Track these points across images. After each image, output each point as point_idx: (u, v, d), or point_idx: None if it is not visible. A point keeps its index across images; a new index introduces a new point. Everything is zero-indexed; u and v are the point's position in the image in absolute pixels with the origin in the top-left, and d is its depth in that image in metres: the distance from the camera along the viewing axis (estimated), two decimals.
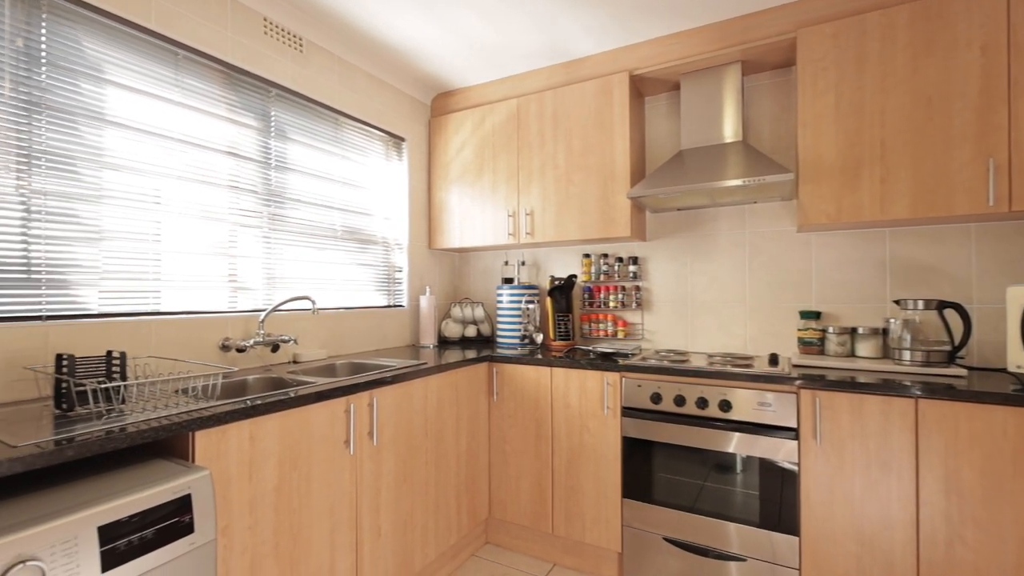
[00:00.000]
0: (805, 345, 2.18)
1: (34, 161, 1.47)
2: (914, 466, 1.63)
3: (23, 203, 1.45)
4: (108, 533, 0.97)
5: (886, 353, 2.10)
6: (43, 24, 1.49)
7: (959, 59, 1.78)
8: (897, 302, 1.95)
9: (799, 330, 2.20)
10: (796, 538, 1.79)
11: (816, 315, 2.21)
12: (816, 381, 1.76)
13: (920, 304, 1.87)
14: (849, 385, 1.71)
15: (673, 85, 2.55)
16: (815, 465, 1.77)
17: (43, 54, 1.49)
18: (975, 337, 2.00)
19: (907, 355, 1.87)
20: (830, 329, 2.12)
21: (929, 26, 1.82)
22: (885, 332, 2.09)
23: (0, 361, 1.38)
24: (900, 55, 1.87)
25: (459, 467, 2.25)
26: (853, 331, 2.11)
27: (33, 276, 1.47)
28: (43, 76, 1.49)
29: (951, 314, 2.02)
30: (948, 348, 1.83)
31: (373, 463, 1.78)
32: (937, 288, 2.07)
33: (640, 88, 2.60)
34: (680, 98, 2.41)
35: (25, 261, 1.45)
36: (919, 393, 1.61)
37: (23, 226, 1.45)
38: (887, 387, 1.66)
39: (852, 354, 2.11)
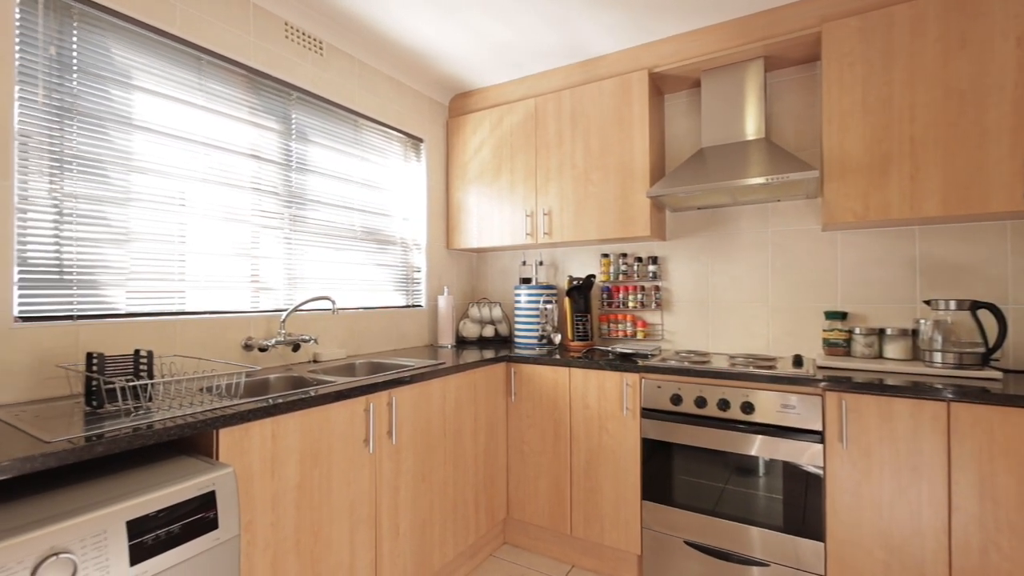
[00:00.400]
0: (830, 346, 2.13)
1: (66, 165, 1.51)
2: (946, 471, 1.57)
3: (55, 206, 1.49)
4: (136, 528, 1.00)
5: (916, 355, 2.04)
6: (74, 32, 1.53)
7: (994, 51, 1.72)
8: (928, 302, 1.89)
9: (824, 331, 2.15)
10: (821, 544, 1.75)
11: (842, 315, 2.15)
12: (842, 383, 1.72)
13: (952, 304, 1.81)
14: (877, 387, 1.66)
15: (693, 82, 2.52)
16: (841, 469, 1.72)
17: (74, 61, 1.53)
18: (1011, 339, 1.93)
19: (938, 357, 1.81)
20: (857, 330, 2.07)
21: (961, 18, 1.76)
22: (915, 333, 2.03)
23: (34, 359, 1.43)
24: (931, 48, 1.81)
25: (477, 467, 2.25)
26: (881, 332, 2.05)
27: (65, 277, 1.51)
28: (74, 83, 1.53)
29: (985, 315, 1.95)
30: (982, 350, 1.77)
31: (392, 462, 1.79)
32: (970, 288, 2.00)
33: (659, 86, 2.57)
34: (701, 95, 2.38)
35: (57, 262, 1.50)
36: (951, 396, 1.56)
37: (55, 228, 1.49)
38: (917, 390, 1.61)
39: (880, 356, 2.06)
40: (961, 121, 1.77)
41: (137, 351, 1.39)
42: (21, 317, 1.42)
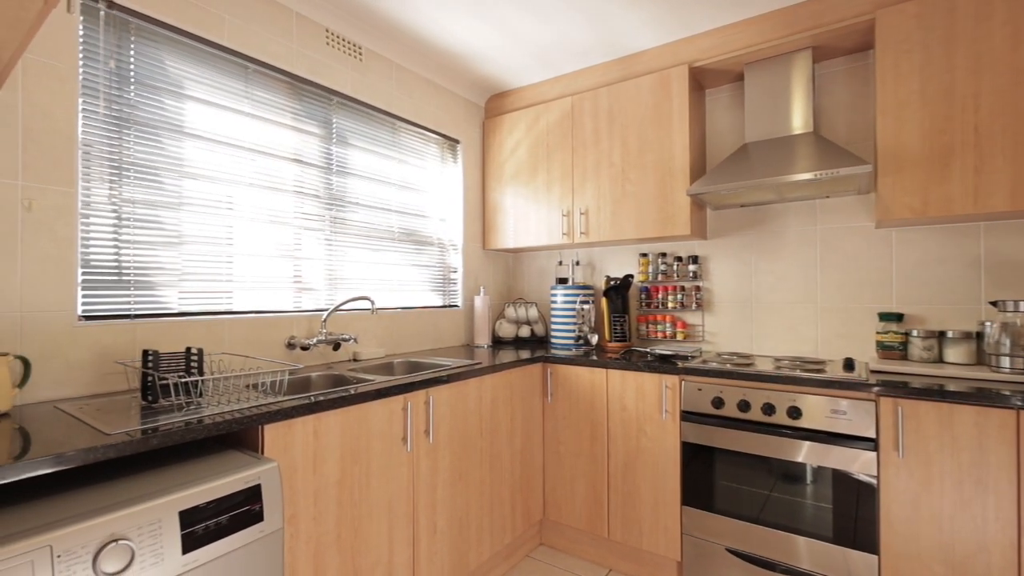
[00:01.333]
0: (885, 349, 2.02)
1: (124, 172, 1.60)
2: (1015, 484, 1.46)
3: (115, 211, 1.58)
4: (188, 518, 1.04)
5: (980, 359, 1.91)
6: (132, 46, 1.62)
7: None
8: (994, 303, 1.77)
9: (878, 333, 2.04)
10: (875, 556, 1.66)
11: (898, 317, 2.04)
12: (898, 388, 1.62)
13: (1022, 305, 1.68)
14: (937, 393, 1.57)
15: (736, 76, 2.44)
16: (897, 479, 1.63)
17: (132, 74, 1.62)
18: None
19: (1006, 361, 1.69)
20: (914, 332, 1.95)
21: None
22: (979, 336, 1.90)
23: (96, 356, 1.51)
24: (998, 32, 1.69)
25: (513, 467, 2.25)
26: (941, 335, 1.93)
27: (123, 278, 1.60)
28: (132, 94, 1.61)
29: None
30: None
31: (429, 460, 1.81)
32: None
33: (700, 80, 2.50)
34: (744, 89, 2.30)
35: (116, 264, 1.58)
36: (1021, 404, 1.45)
37: (115, 232, 1.58)
38: (982, 396, 1.50)
39: (940, 360, 1.94)
40: None
41: (188, 349, 1.45)
42: (84, 316, 1.51)
